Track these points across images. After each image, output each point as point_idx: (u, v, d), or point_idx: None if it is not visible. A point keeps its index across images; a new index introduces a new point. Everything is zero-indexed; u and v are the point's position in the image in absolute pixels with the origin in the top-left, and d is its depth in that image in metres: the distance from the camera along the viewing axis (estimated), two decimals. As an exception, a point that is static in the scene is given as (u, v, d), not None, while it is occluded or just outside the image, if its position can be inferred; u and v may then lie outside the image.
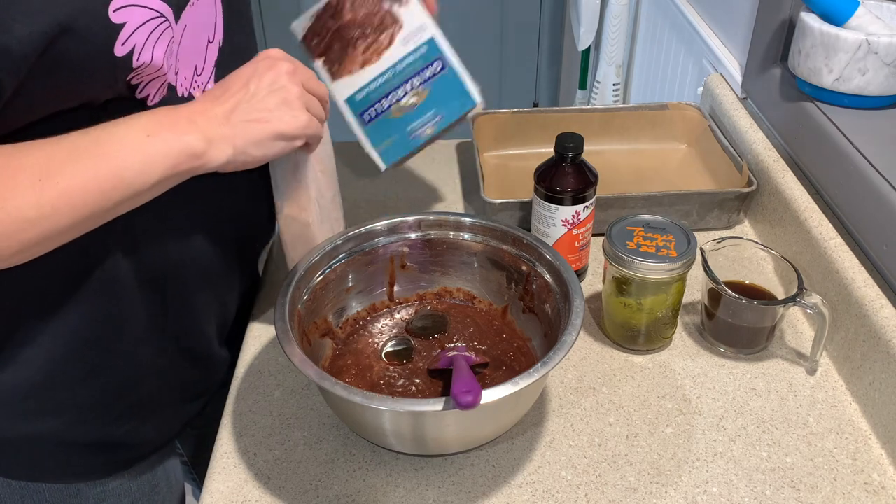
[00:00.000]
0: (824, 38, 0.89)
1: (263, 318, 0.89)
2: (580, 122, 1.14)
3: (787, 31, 1.03)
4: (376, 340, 0.81)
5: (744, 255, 0.87)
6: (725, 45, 1.29)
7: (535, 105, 2.63)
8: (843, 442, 0.74)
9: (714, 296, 0.82)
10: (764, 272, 0.88)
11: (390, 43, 0.84)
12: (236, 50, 0.75)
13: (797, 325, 0.87)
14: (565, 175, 0.85)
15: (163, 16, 0.61)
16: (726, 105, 1.15)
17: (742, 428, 0.76)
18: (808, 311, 0.78)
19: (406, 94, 0.84)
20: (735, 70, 1.20)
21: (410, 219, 0.82)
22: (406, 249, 0.83)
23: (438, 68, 0.84)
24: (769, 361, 0.83)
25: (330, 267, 0.78)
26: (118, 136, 0.60)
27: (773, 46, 1.05)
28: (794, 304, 0.78)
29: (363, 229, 0.80)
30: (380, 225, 0.81)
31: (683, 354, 0.84)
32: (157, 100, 0.65)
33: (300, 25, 0.87)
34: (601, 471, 0.72)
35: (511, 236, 0.80)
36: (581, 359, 0.84)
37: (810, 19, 0.91)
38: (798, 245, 0.90)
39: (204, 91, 0.70)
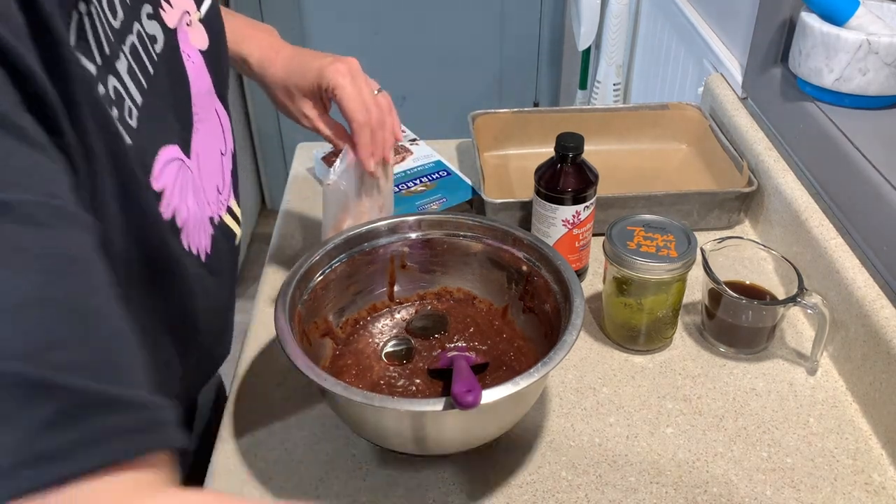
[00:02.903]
0: (825, 38, 0.89)
1: (263, 318, 0.89)
2: (580, 122, 1.14)
3: (788, 31, 1.03)
4: (376, 340, 0.81)
5: (744, 255, 0.87)
6: (726, 45, 1.29)
7: (536, 105, 2.63)
8: (843, 442, 0.74)
9: (714, 296, 0.82)
10: (764, 272, 0.88)
11: (403, 160, 1.09)
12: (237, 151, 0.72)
13: (797, 325, 0.87)
14: (565, 175, 0.85)
15: (180, 159, 0.57)
16: (727, 105, 1.15)
17: (742, 428, 0.76)
18: (809, 311, 0.78)
19: (416, 184, 1.05)
20: (735, 70, 1.20)
21: (411, 219, 0.82)
22: (406, 249, 0.83)
23: (444, 174, 1.07)
24: (769, 361, 0.83)
25: (330, 267, 0.78)
26: None
27: (774, 46, 1.05)
28: (794, 305, 0.78)
29: (363, 229, 0.80)
30: (380, 225, 0.81)
31: (684, 354, 0.84)
32: (209, 251, 0.61)
33: (322, 152, 1.13)
34: (601, 471, 0.71)
35: (511, 236, 0.80)
36: (581, 359, 0.84)
37: (811, 19, 0.91)
38: (798, 245, 0.90)
39: (228, 208, 0.66)
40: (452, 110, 1.97)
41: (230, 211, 0.69)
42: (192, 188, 0.59)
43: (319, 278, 0.77)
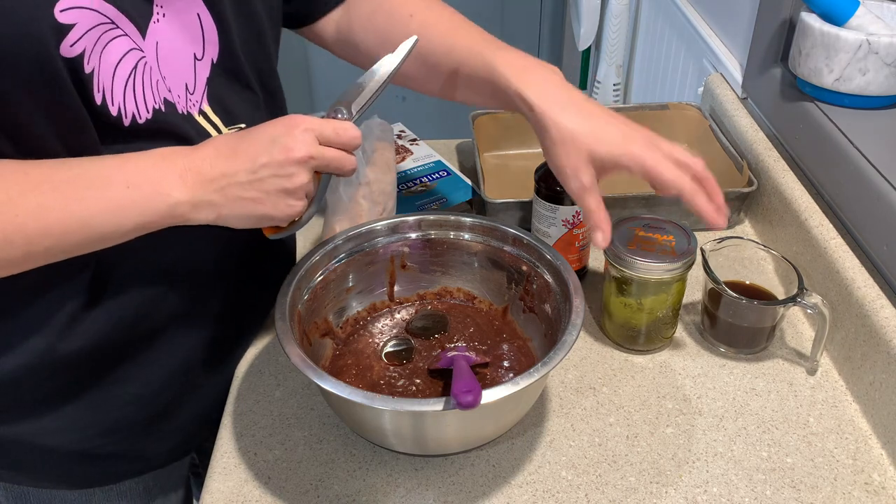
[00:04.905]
0: (825, 38, 0.89)
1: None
2: (580, 122, 1.14)
3: (788, 31, 1.03)
4: (376, 340, 0.81)
5: (744, 255, 0.87)
6: (726, 45, 1.29)
7: (536, 105, 2.63)
8: (843, 442, 0.74)
9: (714, 296, 0.82)
10: (764, 272, 0.88)
11: (403, 160, 1.09)
12: (240, 70, 0.72)
13: (797, 325, 0.87)
14: (565, 175, 0.85)
15: (112, 22, 0.59)
16: (727, 105, 1.15)
17: (742, 428, 0.76)
18: (809, 311, 0.78)
19: (416, 184, 1.04)
20: (735, 70, 1.20)
21: (411, 219, 0.82)
22: (406, 249, 0.83)
23: (444, 174, 1.06)
24: (769, 361, 0.83)
25: (330, 267, 0.78)
26: (97, 178, 0.58)
27: (774, 46, 1.05)
28: (794, 304, 0.78)
29: (363, 229, 0.80)
30: (380, 225, 0.81)
31: (683, 354, 0.84)
32: (147, 116, 0.63)
33: None
34: (601, 471, 0.72)
35: (511, 236, 0.80)
36: (581, 359, 0.84)
37: (810, 19, 0.91)
38: (798, 245, 0.90)
39: (200, 110, 0.68)
40: (452, 110, 1.97)
41: (203, 114, 0.69)
42: (134, 64, 0.61)
43: (319, 278, 0.77)
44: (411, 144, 1.13)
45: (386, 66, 0.70)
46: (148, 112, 0.63)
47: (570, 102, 0.70)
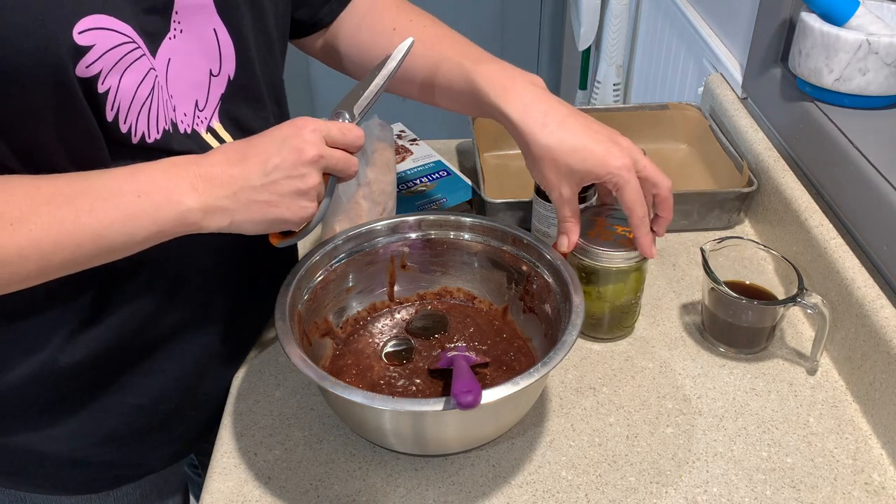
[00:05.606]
0: (824, 38, 0.89)
1: (263, 318, 0.89)
2: (580, 122, 1.14)
3: (788, 31, 1.03)
4: (376, 340, 0.81)
5: (744, 255, 0.87)
6: (726, 45, 1.29)
7: (536, 105, 2.63)
8: (843, 442, 0.74)
9: (714, 296, 0.82)
10: (764, 272, 0.88)
11: (403, 160, 1.08)
12: (256, 86, 0.71)
13: (797, 325, 0.87)
14: (565, 175, 0.85)
15: (133, 41, 0.58)
16: (726, 105, 1.15)
17: (742, 428, 0.76)
18: (809, 311, 0.78)
19: (416, 184, 1.04)
20: (735, 70, 1.20)
21: (411, 219, 0.82)
22: (406, 249, 0.83)
23: (444, 174, 1.06)
24: (769, 361, 0.83)
25: (330, 267, 0.78)
26: (107, 190, 0.58)
27: (774, 46, 1.05)
28: (794, 305, 0.78)
29: (363, 229, 0.80)
30: (380, 225, 0.81)
31: (683, 354, 0.84)
32: (157, 137, 0.63)
33: None
34: (601, 471, 0.72)
35: (511, 236, 0.80)
36: (581, 359, 0.84)
37: (810, 19, 0.91)
38: (798, 245, 0.90)
39: (208, 127, 0.68)
40: (452, 110, 1.97)
41: (212, 130, 0.69)
42: (152, 85, 0.61)
43: (319, 278, 0.77)
44: (411, 144, 1.13)
45: (384, 69, 0.71)
46: (158, 133, 0.63)
47: (551, 118, 0.71)
